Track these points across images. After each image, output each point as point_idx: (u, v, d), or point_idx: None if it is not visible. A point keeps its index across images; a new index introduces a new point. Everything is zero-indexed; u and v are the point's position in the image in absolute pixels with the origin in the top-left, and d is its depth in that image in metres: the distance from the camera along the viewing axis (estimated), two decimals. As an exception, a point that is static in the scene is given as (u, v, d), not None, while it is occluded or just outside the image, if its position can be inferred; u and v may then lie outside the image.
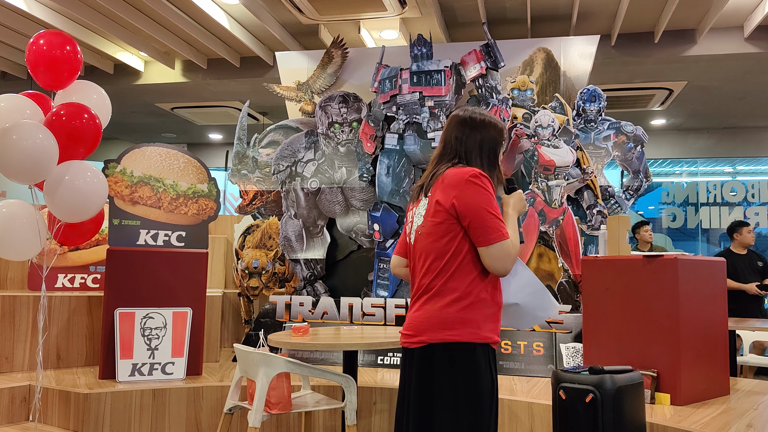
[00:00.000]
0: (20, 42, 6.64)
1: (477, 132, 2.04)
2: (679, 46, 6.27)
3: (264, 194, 4.84)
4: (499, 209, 1.92)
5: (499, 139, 2.07)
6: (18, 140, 2.97)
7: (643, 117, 8.74)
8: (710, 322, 3.34)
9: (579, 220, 4.35)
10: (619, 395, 2.47)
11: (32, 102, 3.35)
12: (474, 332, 1.87)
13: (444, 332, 1.88)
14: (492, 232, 1.86)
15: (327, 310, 4.44)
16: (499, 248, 1.86)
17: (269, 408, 2.77)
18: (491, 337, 1.91)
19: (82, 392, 3.32)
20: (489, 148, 2.04)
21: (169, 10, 5.75)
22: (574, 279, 4.22)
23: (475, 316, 1.89)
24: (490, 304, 1.93)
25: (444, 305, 1.89)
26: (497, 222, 1.87)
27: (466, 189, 1.90)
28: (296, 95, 5.03)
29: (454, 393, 1.86)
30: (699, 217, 8.86)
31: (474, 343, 1.87)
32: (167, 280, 3.85)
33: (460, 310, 1.88)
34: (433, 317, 1.90)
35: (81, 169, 3.28)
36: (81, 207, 3.28)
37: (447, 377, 1.87)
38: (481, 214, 1.87)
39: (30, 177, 3.11)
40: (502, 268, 1.88)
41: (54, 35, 3.43)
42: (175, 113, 8.92)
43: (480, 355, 1.88)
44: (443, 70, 4.41)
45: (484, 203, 1.88)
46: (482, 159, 2.02)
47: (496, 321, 1.95)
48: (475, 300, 1.89)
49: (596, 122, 4.49)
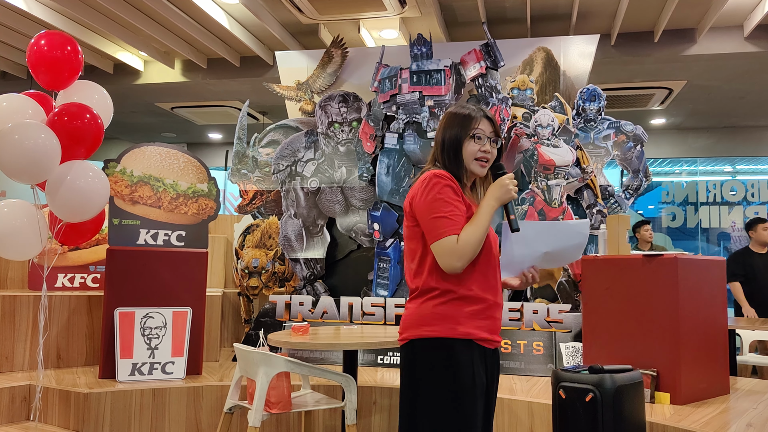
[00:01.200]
0: (20, 42, 6.63)
1: (440, 130, 2.04)
2: (678, 46, 6.27)
3: (264, 194, 4.84)
4: (444, 208, 1.88)
5: (463, 129, 1.98)
6: (20, 140, 2.97)
7: (643, 116, 8.74)
8: (710, 321, 3.34)
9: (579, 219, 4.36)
10: (619, 394, 2.47)
11: (34, 102, 3.35)
12: (452, 328, 1.87)
13: (422, 328, 1.90)
14: (431, 232, 1.88)
15: (327, 309, 4.44)
16: (438, 247, 1.87)
17: (269, 407, 2.77)
18: (474, 333, 1.89)
19: (82, 392, 3.32)
20: (449, 142, 2.00)
21: (168, 9, 5.75)
22: (574, 278, 4.22)
23: (453, 312, 1.89)
24: (473, 300, 1.91)
25: (421, 302, 1.93)
26: (436, 221, 1.87)
27: (419, 192, 1.93)
28: (296, 95, 5.03)
29: (433, 389, 1.87)
30: (699, 217, 8.86)
31: (452, 338, 1.87)
32: (167, 279, 3.85)
33: (436, 305, 1.90)
34: (414, 314, 1.94)
35: (83, 169, 3.28)
36: (83, 207, 3.28)
37: (426, 373, 1.88)
38: (424, 216, 1.90)
39: (32, 177, 3.11)
40: (447, 266, 1.86)
41: (55, 35, 3.43)
42: (175, 113, 8.92)
43: (459, 352, 1.87)
44: (443, 69, 4.41)
45: (426, 204, 1.90)
46: (445, 157, 2.00)
47: (485, 318, 1.92)
48: (455, 297, 1.89)
49: (596, 121, 4.48)
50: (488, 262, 1.97)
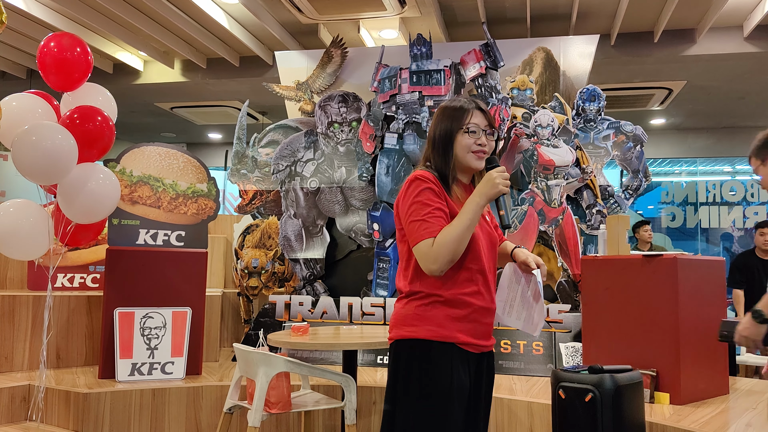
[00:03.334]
0: (20, 41, 6.63)
1: (432, 126, 1.99)
2: (678, 46, 6.27)
3: (263, 194, 4.84)
4: (421, 211, 1.84)
5: (451, 122, 1.92)
6: (38, 141, 2.99)
7: (643, 116, 8.74)
8: (710, 322, 3.34)
9: (578, 219, 4.35)
10: (619, 394, 2.47)
11: (44, 101, 3.36)
12: (433, 330, 1.85)
13: (404, 328, 1.90)
14: (410, 236, 1.87)
15: (326, 309, 4.44)
16: (416, 251, 1.85)
17: (269, 407, 2.77)
18: (456, 336, 1.85)
19: (82, 392, 3.32)
20: (441, 136, 1.94)
21: (168, 9, 5.75)
22: (574, 278, 4.22)
23: (435, 314, 1.86)
24: (458, 304, 1.87)
25: (406, 303, 1.92)
26: (414, 225, 1.85)
27: (401, 195, 1.92)
28: (296, 95, 5.03)
29: (408, 388, 1.86)
30: (698, 217, 8.86)
31: (431, 340, 1.85)
32: (167, 279, 3.85)
33: (418, 307, 1.88)
34: (398, 315, 1.94)
35: (95, 171, 3.30)
36: (94, 208, 3.30)
37: (404, 372, 1.88)
38: (404, 219, 1.89)
39: (49, 178, 3.12)
40: (425, 269, 1.84)
41: (65, 37, 3.44)
42: (175, 113, 8.92)
43: (438, 354, 1.84)
44: (443, 69, 4.41)
45: (405, 208, 1.88)
46: (435, 153, 1.95)
47: (470, 321, 1.88)
48: (437, 299, 1.87)
49: (596, 122, 4.49)
50: (477, 265, 1.90)
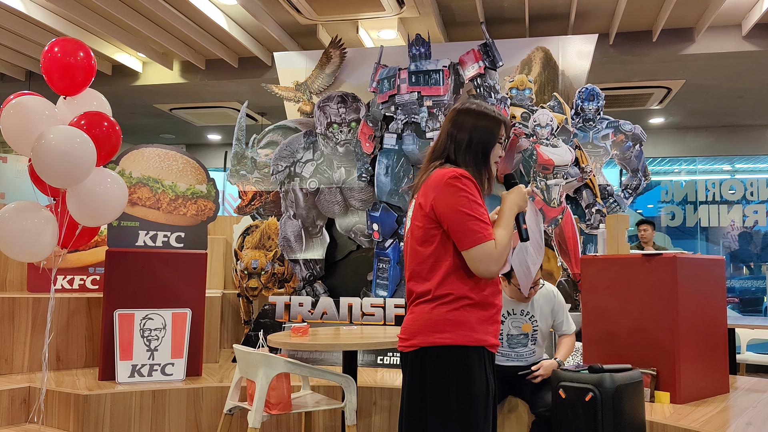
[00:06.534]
0: (18, 43, 6.63)
1: (469, 127, 1.96)
2: (677, 45, 6.27)
3: (263, 195, 4.84)
4: (479, 210, 1.83)
5: (493, 134, 1.97)
6: (58, 144, 2.99)
7: (642, 116, 8.74)
8: (709, 321, 3.34)
9: (578, 219, 4.36)
10: (619, 394, 2.47)
11: (50, 103, 3.37)
12: (467, 335, 1.83)
13: (435, 335, 1.84)
14: (469, 235, 1.81)
15: (326, 310, 4.44)
16: (479, 251, 1.80)
17: (269, 408, 2.77)
18: (486, 339, 1.86)
19: (82, 394, 3.32)
20: (479, 144, 1.95)
21: (167, 11, 5.75)
22: (574, 278, 4.22)
23: (467, 317, 1.84)
24: (486, 305, 1.88)
25: (433, 307, 1.86)
26: (475, 224, 1.81)
27: (443, 191, 1.85)
28: (295, 95, 5.03)
29: (446, 398, 1.81)
30: (698, 216, 8.86)
31: (466, 346, 1.83)
32: (166, 281, 3.85)
33: (449, 311, 1.84)
34: (423, 320, 1.87)
35: (103, 174, 3.31)
36: (104, 211, 3.30)
37: (439, 381, 1.82)
38: (457, 217, 1.82)
39: (67, 181, 3.13)
40: (485, 271, 1.82)
41: (69, 42, 3.45)
42: (174, 114, 8.92)
43: (473, 359, 1.83)
44: (441, 69, 4.41)
45: (460, 205, 1.82)
46: (469, 157, 1.94)
47: (494, 323, 1.90)
48: (468, 302, 1.84)
49: (595, 121, 4.49)
50: None
